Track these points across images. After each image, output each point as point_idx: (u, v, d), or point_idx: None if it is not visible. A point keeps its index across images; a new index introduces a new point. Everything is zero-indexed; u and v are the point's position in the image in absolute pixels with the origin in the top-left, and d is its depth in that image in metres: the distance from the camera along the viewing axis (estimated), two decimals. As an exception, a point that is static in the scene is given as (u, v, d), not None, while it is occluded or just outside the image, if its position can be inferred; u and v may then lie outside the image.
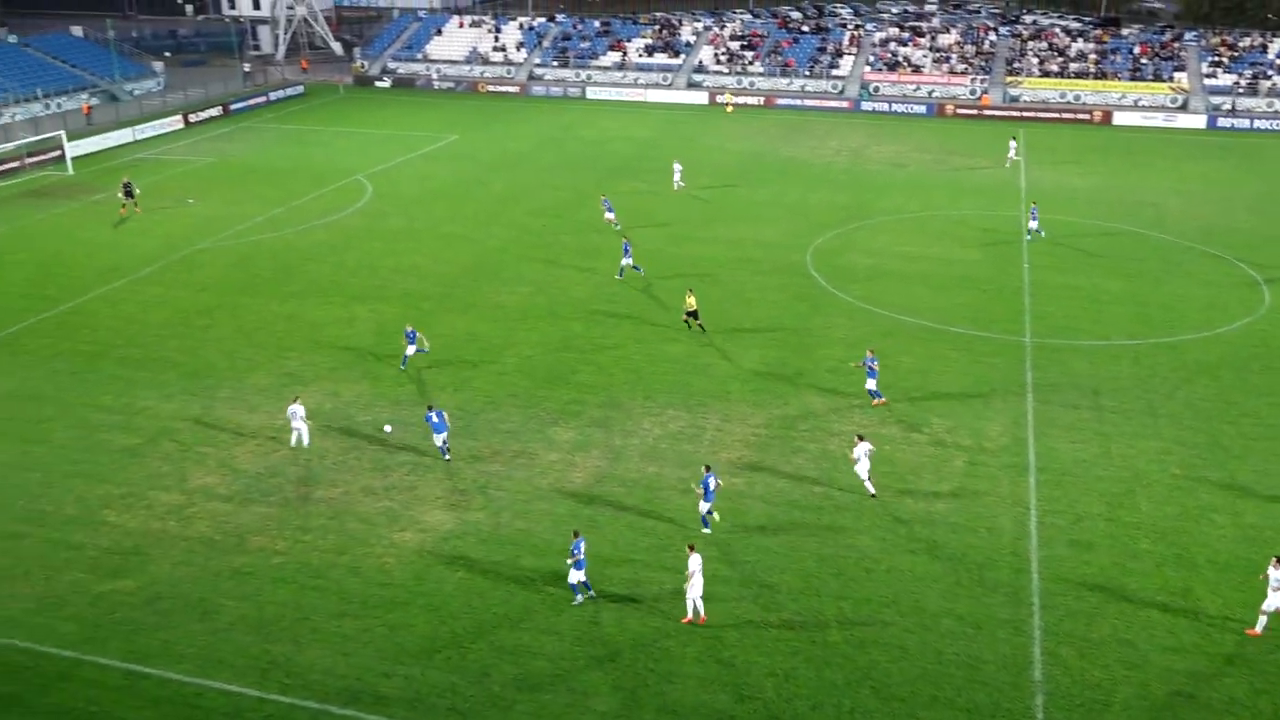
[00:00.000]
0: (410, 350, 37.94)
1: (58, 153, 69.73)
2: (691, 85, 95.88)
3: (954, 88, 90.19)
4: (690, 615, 24.80)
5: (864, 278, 47.22)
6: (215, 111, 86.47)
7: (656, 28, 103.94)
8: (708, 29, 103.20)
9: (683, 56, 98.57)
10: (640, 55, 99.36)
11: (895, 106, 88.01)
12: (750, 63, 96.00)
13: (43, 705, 22.64)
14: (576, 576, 25.26)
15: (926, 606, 25.54)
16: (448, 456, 31.41)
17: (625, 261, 46.35)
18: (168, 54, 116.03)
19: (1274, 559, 24.26)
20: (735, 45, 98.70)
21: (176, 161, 70.87)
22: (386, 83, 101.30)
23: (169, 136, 79.34)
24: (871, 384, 34.91)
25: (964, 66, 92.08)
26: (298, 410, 32.49)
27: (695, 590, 24.53)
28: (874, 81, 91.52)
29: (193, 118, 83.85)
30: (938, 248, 51.52)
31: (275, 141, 77.26)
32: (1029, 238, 51.94)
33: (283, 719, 22.16)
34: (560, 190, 62.15)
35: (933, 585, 26.27)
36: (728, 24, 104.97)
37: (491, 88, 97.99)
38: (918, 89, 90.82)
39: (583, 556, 25.23)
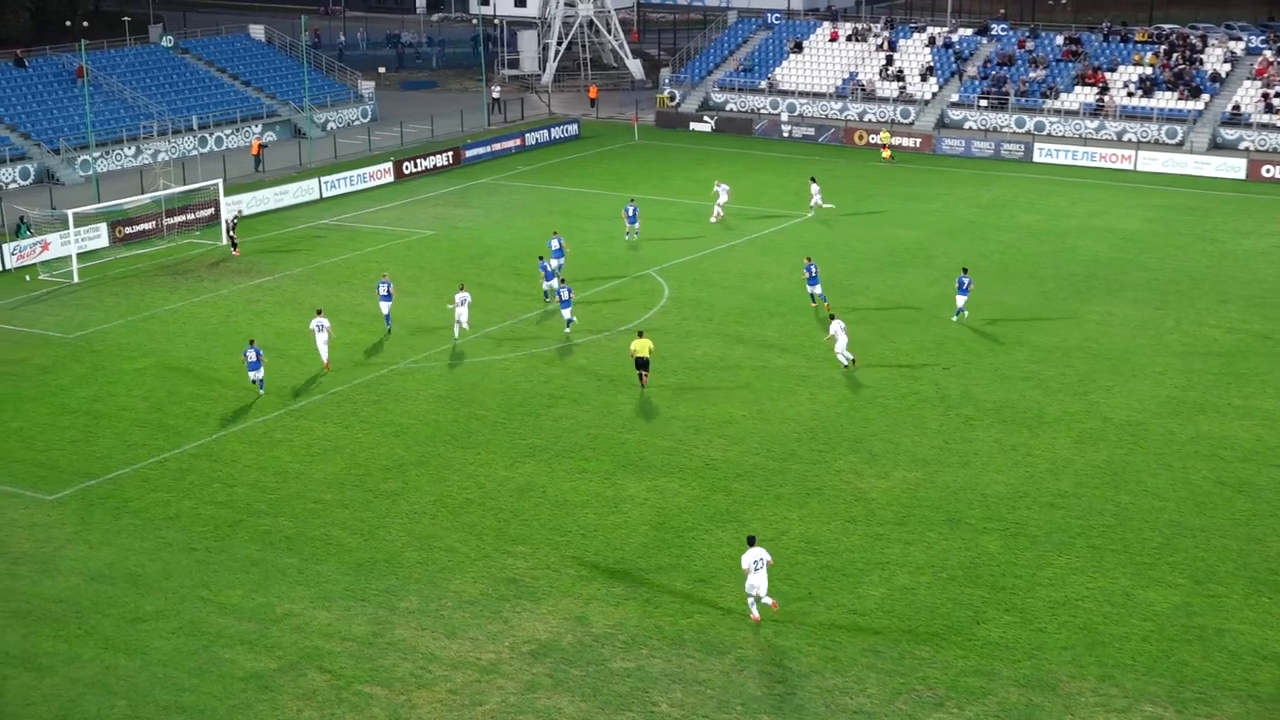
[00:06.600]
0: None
1: (210, 211, 76.90)
2: (1219, 146, 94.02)
3: None
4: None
5: None
6: (442, 159, 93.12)
7: (1161, 49, 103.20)
8: (1253, 52, 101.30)
9: (1206, 97, 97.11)
10: (1130, 94, 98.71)
11: None
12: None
13: None
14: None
15: None
16: (262, 391, 50.28)
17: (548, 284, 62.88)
18: (383, 69, 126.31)
19: (748, 538, 36.84)
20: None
21: (377, 232, 76.41)
22: (707, 125, 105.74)
23: (372, 194, 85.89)
24: (546, 285, 62.70)
25: None
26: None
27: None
28: None
29: (408, 166, 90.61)
30: None
31: (527, 208, 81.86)
32: (955, 318, 61.48)
33: None
34: (975, 309, 61.98)
35: None
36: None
37: (876, 139, 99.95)
38: None
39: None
